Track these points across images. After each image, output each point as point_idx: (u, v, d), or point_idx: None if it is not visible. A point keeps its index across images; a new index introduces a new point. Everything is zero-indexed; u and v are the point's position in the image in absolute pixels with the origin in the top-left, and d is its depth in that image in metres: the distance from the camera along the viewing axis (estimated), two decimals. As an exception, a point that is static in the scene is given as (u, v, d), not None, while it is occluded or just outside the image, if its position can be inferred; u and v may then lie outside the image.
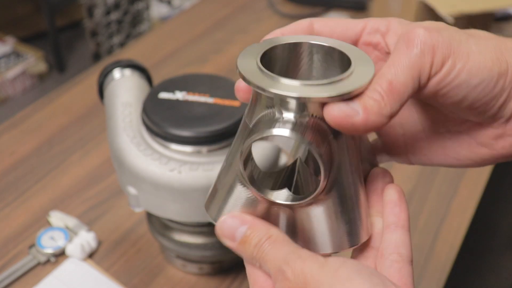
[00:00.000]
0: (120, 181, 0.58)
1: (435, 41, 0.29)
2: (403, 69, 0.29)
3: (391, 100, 0.29)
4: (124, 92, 0.59)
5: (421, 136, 0.36)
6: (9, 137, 0.84)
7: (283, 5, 1.22)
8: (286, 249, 0.31)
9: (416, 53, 0.29)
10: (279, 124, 0.30)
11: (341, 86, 0.29)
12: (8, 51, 2.35)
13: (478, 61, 0.30)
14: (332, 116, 0.29)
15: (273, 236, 0.31)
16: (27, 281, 0.63)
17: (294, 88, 0.29)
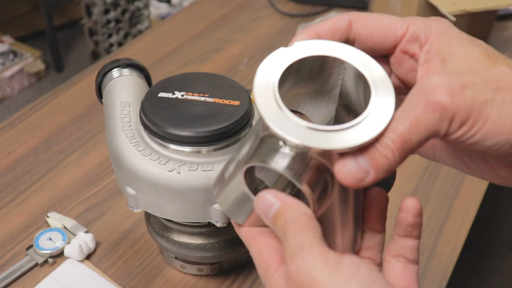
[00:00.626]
0: (119, 181, 0.57)
1: (456, 108, 0.28)
2: (418, 128, 0.28)
3: (402, 156, 0.29)
4: (123, 91, 0.59)
5: (448, 146, 0.36)
6: (6, 137, 0.84)
7: (283, 4, 1.22)
8: (303, 240, 0.30)
9: (435, 118, 0.28)
10: (278, 157, 0.30)
11: (349, 136, 0.28)
12: (5, 50, 2.34)
13: (497, 124, 0.29)
14: (342, 178, 0.29)
15: (299, 221, 0.30)
16: (24, 283, 0.63)
17: (297, 131, 0.29)
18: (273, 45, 1.08)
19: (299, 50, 0.32)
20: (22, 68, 2.31)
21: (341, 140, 0.28)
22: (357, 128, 0.29)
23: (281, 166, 0.30)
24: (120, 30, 2.29)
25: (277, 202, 0.32)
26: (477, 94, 0.29)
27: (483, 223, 1.73)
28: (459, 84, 0.29)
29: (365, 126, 0.29)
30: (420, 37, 0.33)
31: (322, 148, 0.28)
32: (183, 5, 2.48)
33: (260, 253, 0.34)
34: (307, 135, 0.28)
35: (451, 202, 0.75)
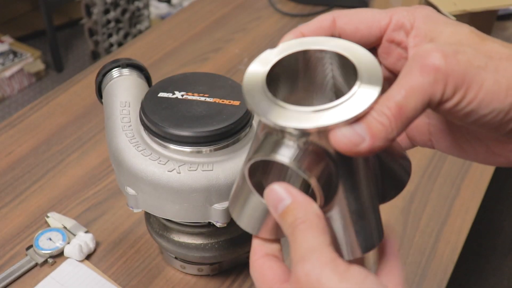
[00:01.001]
0: (119, 181, 0.57)
1: (450, 70, 0.28)
2: (413, 94, 0.28)
3: (399, 124, 0.28)
4: (123, 91, 0.59)
5: (444, 129, 0.36)
6: (6, 137, 0.84)
7: (283, 4, 1.22)
8: (312, 242, 0.29)
9: (429, 81, 0.28)
10: (281, 149, 0.30)
11: (343, 110, 0.28)
12: (5, 50, 2.34)
13: (492, 91, 0.29)
14: (337, 143, 0.28)
15: (310, 221, 0.30)
16: (24, 283, 0.63)
17: (293, 116, 0.29)
18: (273, 45, 1.08)
19: (284, 49, 0.33)
20: (22, 68, 2.31)
21: (331, 116, 0.28)
22: (346, 104, 0.29)
23: (284, 157, 0.30)
24: (120, 30, 2.29)
25: (288, 197, 0.31)
26: (470, 59, 0.29)
27: (483, 223, 1.73)
28: (452, 50, 0.29)
29: (356, 101, 0.29)
30: (405, 25, 0.33)
31: (320, 126, 0.28)
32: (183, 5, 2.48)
33: (262, 274, 0.34)
34: (303, 118, 0.29)
35: (451, 202, 0.75)
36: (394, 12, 0.33)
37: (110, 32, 2.26)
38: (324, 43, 0.33)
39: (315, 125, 0.28)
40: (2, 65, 2.27)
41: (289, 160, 0.30)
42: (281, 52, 0.33)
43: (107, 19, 2.22)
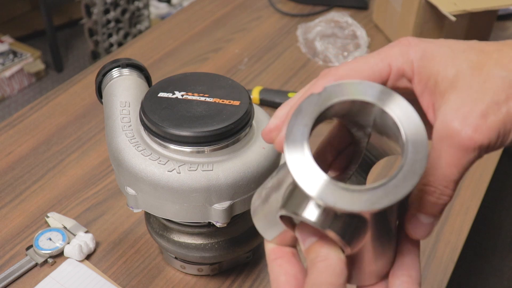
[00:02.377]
0: (119, 181, 0.57)
1: (487, 139, 0.30)
2: (464, 169, 0.31)
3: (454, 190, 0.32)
4: (123, 91, 0.59)
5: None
6: (6, 137, 0.84)
7: (284, 4, 1.22)
8: (325, 280, 0.30)
9: (472, 156, 0.31)
10: (310, 206, 0.30)
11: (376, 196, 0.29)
12: (5, 50, 2.34)
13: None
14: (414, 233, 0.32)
15: (329, 261, 0.31)
16: (24, 283, 0.63)
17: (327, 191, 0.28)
18: (273, 45, 1.08)
19: (329, 97, 0.31)
20: (22, 68, 2.31)
21: (367, 200, 0.28)
22: (387, 187, 0.29)
23: (311, 217, 0.30)
24: (120, 30, 2.29)
25: (316, 235, 0.32)
26: (497, 117, 0.30)
27: (483, 223, 1.73)
28: (478, 116, 0.30)
29: (396, 184, 0.29)
30: (406, 72, 0.33)
31: (351, 210, 0.28)
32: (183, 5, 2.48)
33: (276, 279, 0.34)
34: (335, 194, 0.28)
35: (451, 202, 0.75)
36: (390, 60, 0.33)
37: (110, 32, 2.26)
38: (379, 96, 0.31)
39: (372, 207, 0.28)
40: (2, 65, 2.27)
41: (315, 220, 0.30)
42: (325, 101, 0.31)
43: (107, 19, 2.22)
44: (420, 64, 0.33)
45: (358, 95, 0.31)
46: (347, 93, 0.31)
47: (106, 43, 2.27)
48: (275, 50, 1.06)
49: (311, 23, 1.11)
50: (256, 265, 0.65)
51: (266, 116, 0.59)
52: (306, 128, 0.30)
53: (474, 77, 0.31)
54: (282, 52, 1.05)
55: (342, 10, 1.19)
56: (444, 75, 0.32)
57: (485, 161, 0.81)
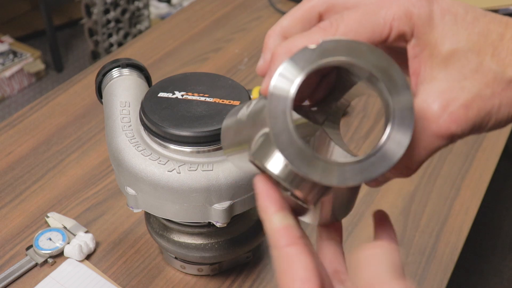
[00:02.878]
0: (119, 181, 0.57)
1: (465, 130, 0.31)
2: (429, 152, 0.31)
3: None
4: (123, 91, 0.59)
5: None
6: (6, 137, 0.84)
7: (284, 4, 1.22)
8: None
9: (444, 143, 0.31)
10: (278, 161, 0.30)
11: (374, 165, 0.29)
12: (5, 50, 2.34)
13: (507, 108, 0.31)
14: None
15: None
16: (24, 283, 0.63)
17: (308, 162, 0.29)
18: (273, 45, 1.08)
19: (316, 57, 0.30)
20: (22, 68, 2.31)
21: (340, 176, 0.29)
22: (363, 164, 0.29)
23: (275, 170, 0.30)
24: (120, 30, 2.29)
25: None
26: (477, 111, 0.30)
27: (483, 223, 1.73)
28: (461, 106, 0.30)
29: (373, 162, 0.29)
30: (406, 33, 0.32)
31: (322, 183, 0.29)
32: (183, 5, 2.48)
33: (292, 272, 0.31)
34: (309, 164, 0.29)
35: (451, 202, 0.75)
36: (393, 21, 0.32)
37: (110, 32, 2.26)
38: (360, 55, 0.31)
39: (345, 183, 0.29)
40: (2, 65, 2.27)
41: (279, 173, 0.30)
42: (314, 60, 0.30)
43: (107, 19, 2.22)
44: (421, 30, 0.32)
45: (356, 59, 0.30)
46: (344, 53, 0.30)
47: (106, 43, 2.27)
48: (275, 50, 1.06)
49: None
50: (256, 265, 0.65)
51: (266, 116, 0.58)
52: (294, 86, 0.29)
53: (467, 62, 0.31)
54: (282, 52, 1.05)
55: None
56: (441, 49, 0.31)
57: (485, 161, 0.81)
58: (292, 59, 0.30)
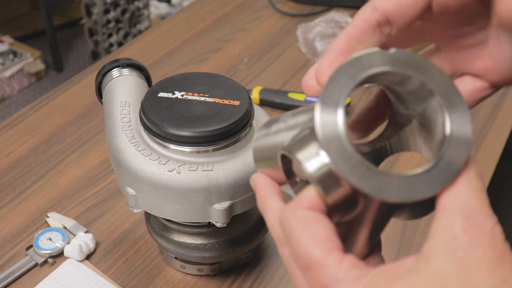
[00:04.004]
0: (119, 181, 0.57)
1: None
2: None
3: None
4: (123, 91, 0.59)
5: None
6: (6, 137, 0.84)
7: (283, 4, 1.22)
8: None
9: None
10: (314, 160, 0.29)
11: (432, 180, 0.28)
12: (5, 50, 2.34)
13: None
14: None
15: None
16: (24, 283, 0.63)
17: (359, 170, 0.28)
18: (273, 45, 1.08)
19: (360, 67, 0.30)
20: (22, 68, 2.31)
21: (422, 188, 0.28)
22: (424, 178, 0.28)
23: (309, 169, 0.29)
24: (120, 30, 2.29)
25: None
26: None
27: (483, 223, 1.73)
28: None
29: (436, 175, 0.28)
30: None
31: (386, 199, 0.27)
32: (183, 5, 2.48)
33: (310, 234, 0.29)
34: (355, 169, 0.27)
35: (451, 202, 0.75)
36: None
37: (110, 32, 2.26)
38: (423, 72, 0.30)
39: (410, 198, 0.28)
40: (2, 65, 2.27)
41: (313, 173, 0.29)
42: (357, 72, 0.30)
43: (107, 19, 2.22)
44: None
45: (410, 71, 0.30)
46: (408, 67, 0.30)
47: (106, 43, 2.27)
48: (275, 50, 1.06)
49: (311, 23, 1.11)
50: (256, 265, 0.65)
51: (266, 116, 0.58)
52: (343, 93, 0.29)
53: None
54: (282, 52, 1.05)
55: (342, 10, 1.19)
56: None
57: (485, 161, 0.81)
58: (339, 70, 0.29)
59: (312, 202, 0.29)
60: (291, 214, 0.29)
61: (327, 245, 0.28)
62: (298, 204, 0.30)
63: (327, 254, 0.28)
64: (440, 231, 0.27)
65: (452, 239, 0.27)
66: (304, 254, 0.28)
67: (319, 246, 0.28)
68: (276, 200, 0.33)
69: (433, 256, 0.27)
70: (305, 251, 0.28)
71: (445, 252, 0.26)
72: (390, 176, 0.28)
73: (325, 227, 0.28)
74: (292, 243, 0.29)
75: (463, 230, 0.27)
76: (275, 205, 0.33)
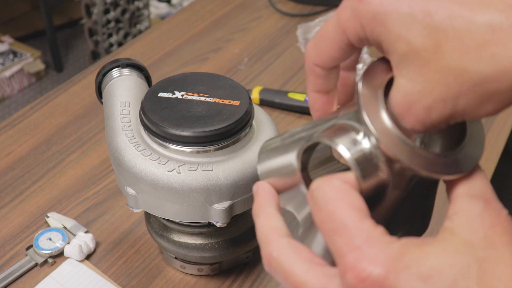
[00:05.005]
0: (119, 181, 0.57)
1: None
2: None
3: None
4: (123, 91, 0.59)
5: None
6: (6, 137, 0.84)
7: (283, 4, 1.22)
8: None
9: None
10: (354, 145, 0.30)
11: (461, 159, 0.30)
12: (5, 50, 2.34)
13: None
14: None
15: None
16: (24, 283, 0.63)
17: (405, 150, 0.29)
18: (273, 45, 1.08)
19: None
20: (22, 68, 2.31)
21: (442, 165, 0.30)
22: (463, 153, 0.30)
23: (347, 154, 0.30)
24: (120, 30, 2.29)
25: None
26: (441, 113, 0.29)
27: (483, 223, 1.73)
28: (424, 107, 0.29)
29: (466, 155, 0.30)
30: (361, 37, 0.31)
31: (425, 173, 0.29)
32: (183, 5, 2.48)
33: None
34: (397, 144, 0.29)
35: (451, 202, 0.75)
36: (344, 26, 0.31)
37: (110, 32, 2.26)
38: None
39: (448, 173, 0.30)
40: (2, 65, 2.27)
41: (351, 158, 0.30)
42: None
43: (107, 19, 2.22)
44: (370, 29, 0.30)
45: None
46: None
47: (106, 43, 2.27)
48: (275, 50, 1.06)
49: (311, 23, 1.11)
50: (256, 265, 0.65)
51: (266, 116, 0.58)
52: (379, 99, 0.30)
53: (426, 64, 0.28)
54: (282, 52, 1.05)
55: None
56: (394, 49, 0.29)
57: (485, 161, 0.81)
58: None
59: (347, 178, 0.30)
60: (326, 184, 0.30)
61: (362, 213, 0.29)
62: (332, 177, 0.30)
63: (362, 220, 0.28)
64: (462, 210, 0.29)
65: (474, 216, 0.28)
66: (340, 216, 0.28)
67: (355, 211, 0.28)
68: (273, 207, 0.33)
69: (458, 228, 0.28)
70: (342, 214, 0.28)
71: (469, 226, 0.28)
72: (435, 155, 0.30)
73: (359, 199, 0.29)
74: (326, 207, 0.29)
75: (484, 210, 0.28)
76: (271, 210, 0.33)
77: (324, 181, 0.30)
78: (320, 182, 0.30)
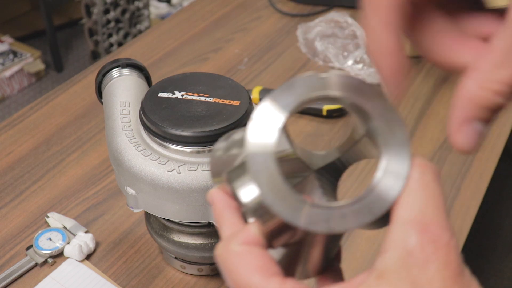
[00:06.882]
0: (119, 181, 0.57)
1: None
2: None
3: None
4: (123, 91, 0.59)
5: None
6: (6, 137, 0.84)
7: (283, 4, 1.22)
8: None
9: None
10: (248, 189, 0.29)
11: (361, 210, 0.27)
12: (5, 50, 2.34)
13: None
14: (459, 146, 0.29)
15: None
16: (24, 283, 0.63)
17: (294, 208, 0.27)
18: (273, 45, 1.08)
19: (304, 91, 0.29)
20: (22, 68, 2.31)
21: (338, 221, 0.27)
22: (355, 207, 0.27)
23: (247, 201, 0.29)
24: (120, 30, 2.29)
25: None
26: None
27: (483, 223, 1.73)
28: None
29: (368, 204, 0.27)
30: None
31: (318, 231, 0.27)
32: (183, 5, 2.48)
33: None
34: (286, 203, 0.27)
35: (451, 202, 0.75)
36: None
37: (110, 32, 2.26)
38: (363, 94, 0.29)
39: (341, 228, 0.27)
40: (2, 65, 2.27)
41: (247, 205, 0.29)
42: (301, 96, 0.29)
43: (107, 19, 2.22)
44: None
45: (352, 97, 0.29)
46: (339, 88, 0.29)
47: (106, 43, 2.27)
48: (275, 50, 1.06)
49: (311, 23, 1.10)
50: (256, 265, 0.65)
51: (266, 116, 0.58)
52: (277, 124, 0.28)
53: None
54: (282, 52, 1.05)
55: (342, 10, 1.19)
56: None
57: (485, 161, 0.81)
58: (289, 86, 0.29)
59: (248, 236, 0.29)
60: (226, 251, 0.29)
61: (265, 272, 0.28)
62: (232, 240, 0.30)
63: (267, 280, 0.28)
64: (394, 245, 0.26)
65: (406, 255, 0.26)
66: (244, 283, 0.28)
67: (258, 273, 0.28)
68: (233, 215, 0.32)
69: (386, 272, 0.26)
70: (245, 280, 0.28)
71: (398, 269, 0.26)
72: (320, 208, 0.27)
73: (262, 256, 0.29)
74: (231, 275, 0.29)
75: (417, 245, 0.26)
76: (232, 221, 0.32)
77: (224, 248, 0.30)
78: (221, 249, 0.30)
